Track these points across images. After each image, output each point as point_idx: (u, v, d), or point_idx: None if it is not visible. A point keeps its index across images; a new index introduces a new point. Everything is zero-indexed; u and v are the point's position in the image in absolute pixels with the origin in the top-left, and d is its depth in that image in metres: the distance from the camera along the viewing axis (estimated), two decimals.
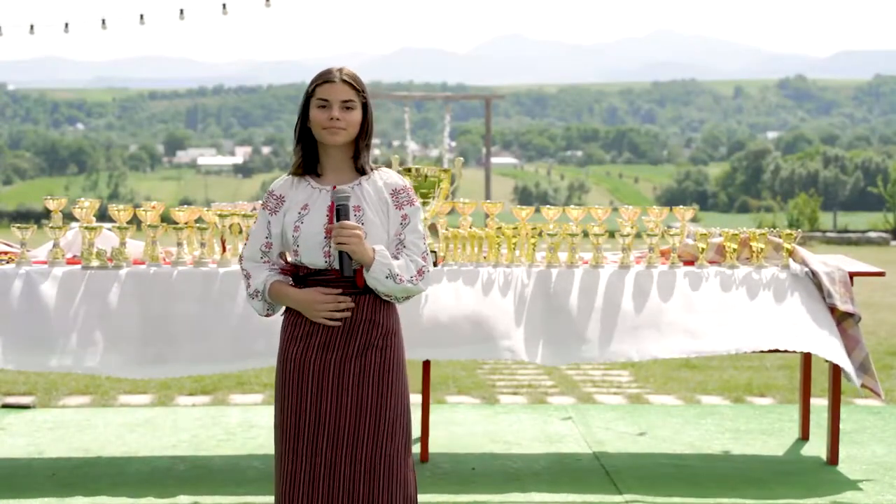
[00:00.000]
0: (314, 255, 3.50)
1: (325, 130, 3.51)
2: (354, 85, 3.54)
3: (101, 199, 6.31)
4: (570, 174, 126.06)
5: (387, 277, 3.44)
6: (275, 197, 3.61)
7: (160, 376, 5.22)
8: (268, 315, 3.65)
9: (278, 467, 3.53)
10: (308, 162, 3.60)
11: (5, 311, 5.04)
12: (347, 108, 3.51)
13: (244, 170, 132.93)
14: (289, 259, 3.63)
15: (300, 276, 3.56)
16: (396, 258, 3.51)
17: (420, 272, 3.52)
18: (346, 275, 3.46)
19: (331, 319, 3.48)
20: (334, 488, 3.44)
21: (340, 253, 3.44)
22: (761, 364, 8.72)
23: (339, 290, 3.48)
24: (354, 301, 3.49)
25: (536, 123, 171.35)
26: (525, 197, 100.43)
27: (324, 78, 3.54)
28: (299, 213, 3.54)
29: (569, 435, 6.38)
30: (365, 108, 3.57)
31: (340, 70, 3.56)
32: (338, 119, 3.50)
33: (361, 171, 3.58)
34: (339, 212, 3.46)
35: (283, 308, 3.61)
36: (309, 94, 3.56)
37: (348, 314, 3.48)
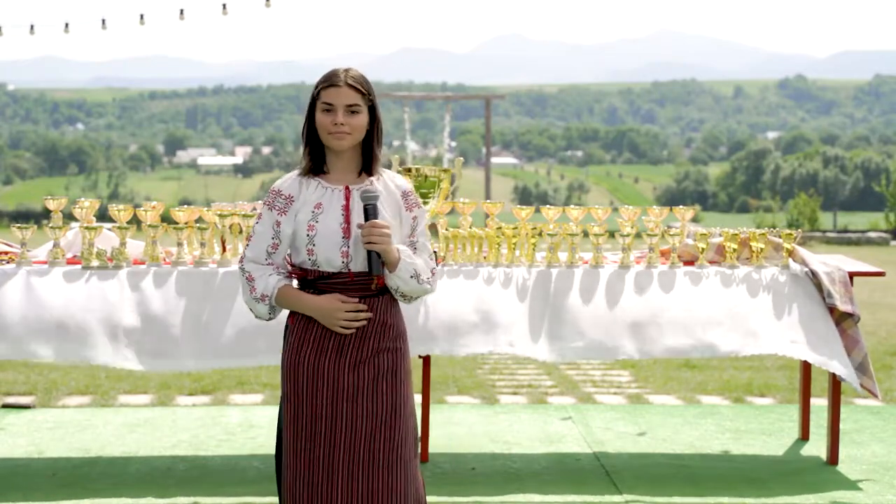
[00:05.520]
0: (331, 255, 3.44)
1: (331, 136, 3.46)
2: (359, 88, 3.46)
3: (101, 199, 6.31)
4: (570, 174, 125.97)
5: (411, 277, 3.45)
6: (283, 196, 3.50)
7: (160, 370, 5.21)
8: (270, 319, 3.56)
9: (290, 472, 3.46)
10: (316, 161, 3.54)
11: (5, 310, 5.03)
12: (352, 112, 3.45)
13: (244, 170, 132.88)
14: (294, 262, 3.54)
15: (308, 280, 3.48)
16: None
17: (433, 272, 3.55)
18: (374, 273, 3.43)
19: (348, 328, 3.43)
20: (353, 492, 3.41)
21: (370, 252, 3.41)
22: (761, 364, 8.72)
23: (357, 297, 3.44)
24: (367, 303, 3.46)
25: (536, 123, 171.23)
26: (525, 197, 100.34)
27: (329, 81, 3.47)
28: (313, 212, 3.47)
29: (569, 435, 6.38)
30: (372, 109, 3.50)
31: (346, 72, 3.48)
32: (342, 124, 3.44)
33: (369, 173, 3.54)
34: (367, 211, 3.44)
35: (288, 312, 3.55)
36: (314, 97, 3.49)
37: (365, 323, 3.45)
